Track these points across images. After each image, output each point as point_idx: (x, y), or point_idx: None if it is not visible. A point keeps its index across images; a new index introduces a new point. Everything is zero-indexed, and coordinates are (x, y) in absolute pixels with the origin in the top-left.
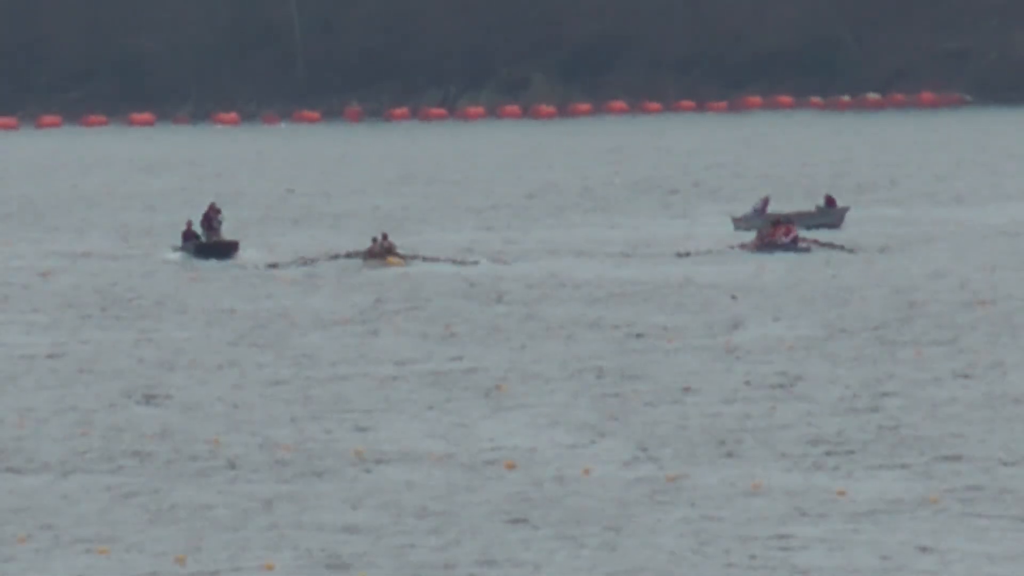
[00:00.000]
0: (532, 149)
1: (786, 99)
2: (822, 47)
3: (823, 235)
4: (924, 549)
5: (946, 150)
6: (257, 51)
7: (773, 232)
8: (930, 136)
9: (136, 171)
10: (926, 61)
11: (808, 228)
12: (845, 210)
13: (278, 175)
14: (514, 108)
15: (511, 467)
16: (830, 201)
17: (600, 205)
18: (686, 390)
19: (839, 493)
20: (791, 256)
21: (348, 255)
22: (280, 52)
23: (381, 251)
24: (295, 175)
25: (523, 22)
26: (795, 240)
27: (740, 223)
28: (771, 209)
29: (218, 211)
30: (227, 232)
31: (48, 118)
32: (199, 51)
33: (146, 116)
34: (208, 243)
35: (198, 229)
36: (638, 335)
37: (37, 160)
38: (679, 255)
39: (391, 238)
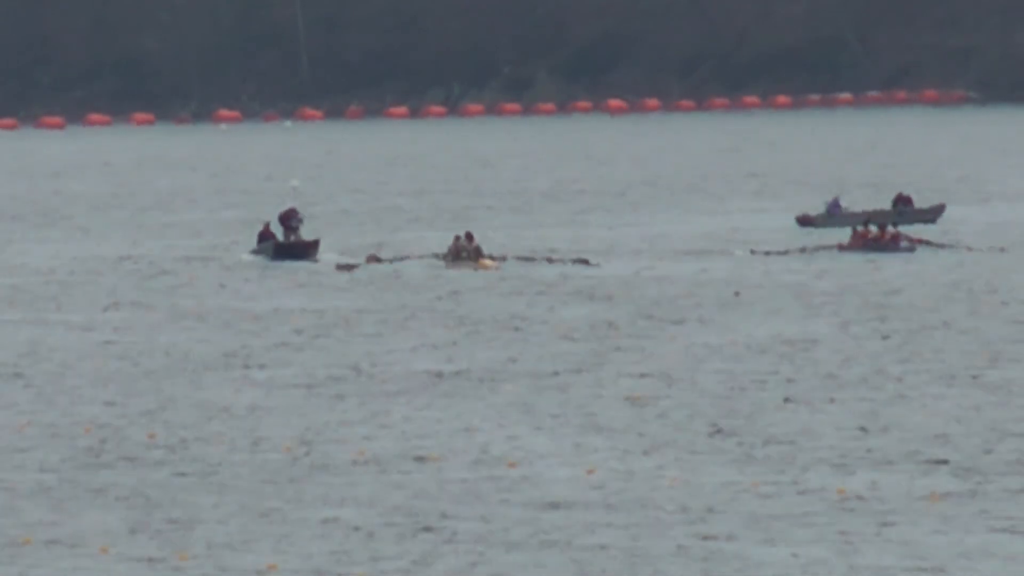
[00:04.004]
0: (552, 148)
1: (784, 99)
2: (825, 46)
3: (927, 232)
4: (926, 548)
5: (976, 148)
6: (261, 50)
7: (881, 235)
8: (954, 134)
9: (169, 170)
10: (929, 59)
11: (896, 226)
12: (941, 207)
13: (321, 174)
14: (514, 106)
15: (513, 467)
16: (904, 199)
17: (634, 202)
18: (693, 389)
19: (839, 492)
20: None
21: (435, 255)
22: (284, 51)
23: (469, 254)
24: (338, 174)
25: (526, 22)
26: (896, 241)
27: (811, 221)
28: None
29: (297, 213)
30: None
31: (49, 119)
32: (202, 51)
33: (147, 116)
34: (286, 243)
35: (275, 230)
36: (667, 338)
37: (52, 162)
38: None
39: (474, 237)
